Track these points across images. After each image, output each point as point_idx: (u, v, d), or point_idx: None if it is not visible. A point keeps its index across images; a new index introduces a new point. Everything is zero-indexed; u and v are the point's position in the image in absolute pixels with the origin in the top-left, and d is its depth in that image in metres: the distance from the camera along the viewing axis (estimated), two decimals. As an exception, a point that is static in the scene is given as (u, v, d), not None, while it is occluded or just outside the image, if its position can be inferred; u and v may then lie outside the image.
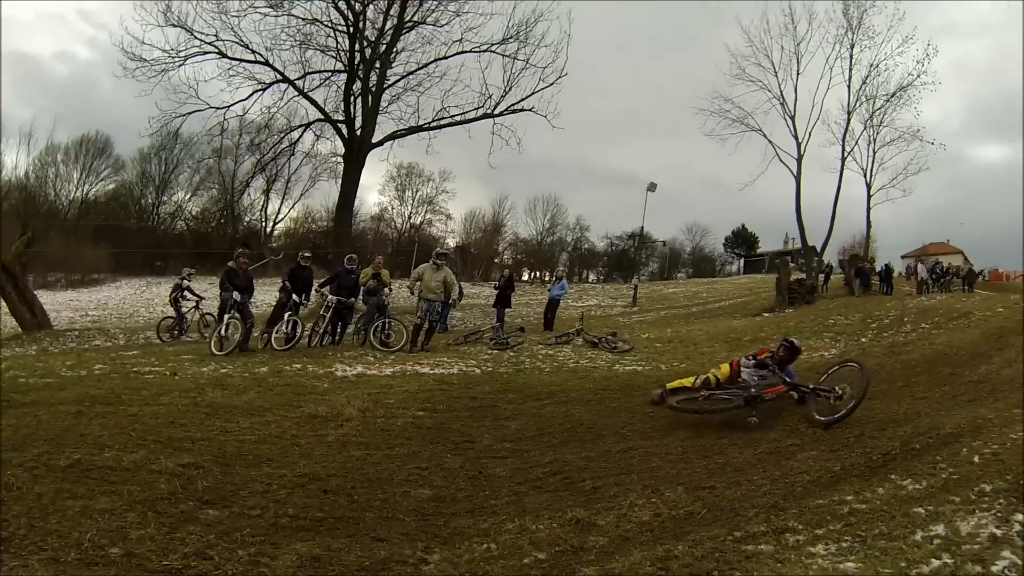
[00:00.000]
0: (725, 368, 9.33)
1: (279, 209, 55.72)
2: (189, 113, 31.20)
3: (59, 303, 34.53)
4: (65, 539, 4.39)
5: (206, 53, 30.29)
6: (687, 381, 9.28)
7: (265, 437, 7.51)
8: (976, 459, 5.68)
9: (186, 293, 19.91)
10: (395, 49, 31.91)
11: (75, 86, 73.59)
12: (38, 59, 74.72)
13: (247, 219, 56.56)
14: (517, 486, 6.34)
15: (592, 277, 66.49)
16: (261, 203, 55.18)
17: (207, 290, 20.98)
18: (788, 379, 8.84)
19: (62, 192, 53.04)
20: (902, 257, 51.14)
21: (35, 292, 26.69)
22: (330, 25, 31.27)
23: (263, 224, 55.59)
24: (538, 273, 61.48)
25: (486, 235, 60.93)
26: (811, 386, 8.61)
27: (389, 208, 61.62)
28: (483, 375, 11.93)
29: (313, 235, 49.92)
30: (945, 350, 12.80)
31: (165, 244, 52.75)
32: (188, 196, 55.54)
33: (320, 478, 6.27)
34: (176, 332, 19.56)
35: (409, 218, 61.90)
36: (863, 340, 15.66)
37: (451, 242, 60.29)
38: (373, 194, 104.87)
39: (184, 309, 19.83)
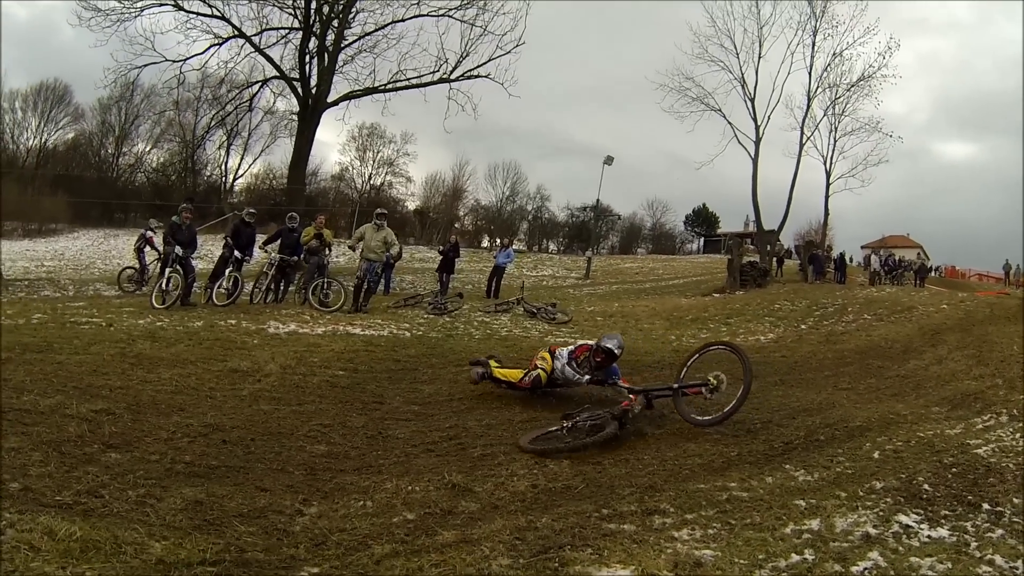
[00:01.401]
0: (547, 357, 8.30)
1: (239, 165, 55.27)
2: (145, 65, 31.21)
3: (15, 252, 34.03)
4: None
5: (162, 4, 29.94)
6: (514, 374, 8.26)
7: (182, 388, 7.64)
8: (876, 455, 5.78)
9: (150, 245, 19.65)
10: (353, 9, 31.70)
11: (34, 30, 72.15)
12: None
13: (207, 174, 55.94)
14: (411, 448, 6.40)
15: (552, 247, 66.54)
16: (221, 158, 54.76)
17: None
18: (613, 379, 7.91)
19: (20, 140, 52.17)
20: (862, 247, 51.68)
21: (-11, 241, 26.41)
22: (288, -21, 30.90)
23: (223, 179, 55.10)
24: (498, 240, 61.59)
25: (446, 200, 60.64)
26: (675, 385, 7.43)
27: (350, 168, 61.31)
28: (412, 339, 12.06)
29: (274, 192, 49.28)
30: (880, 342, 12.99)
31: (125, 196, 51.95)
32: (148, 148, 54.61)
33: (224, 429, 6.38)
34: (138, 282, 19.24)
35: (369, 179, 61.49)
36: (802, 327, 15.78)
37: (410, 205, 60.26)
38: (335, 153, 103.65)
39: (148, 260, 19.50)
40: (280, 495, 4.94)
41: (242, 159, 54.47)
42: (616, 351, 7.97)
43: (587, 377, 7.92)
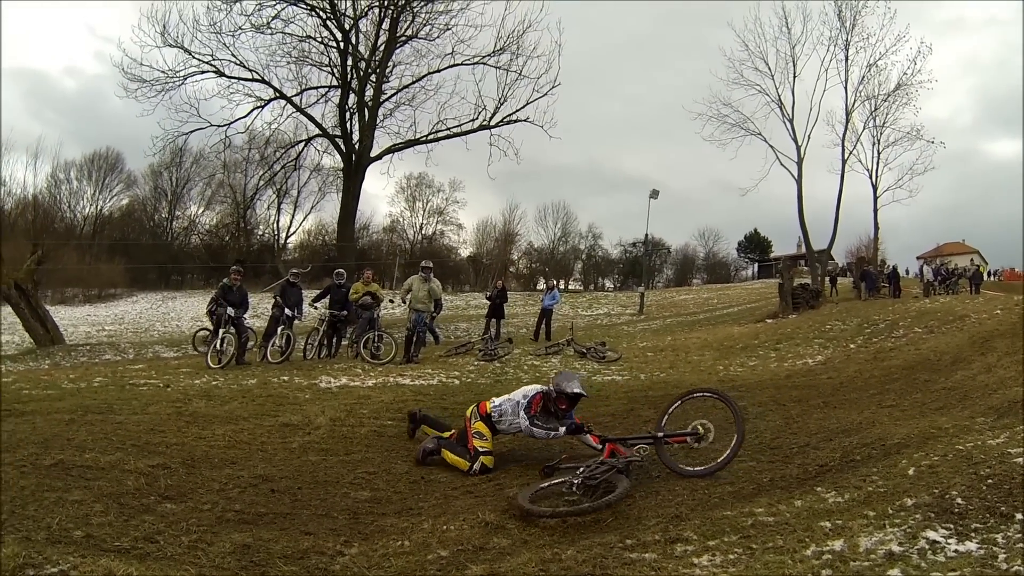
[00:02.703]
0: (485, 431, 7.55)
1: (291, 222, 56.56)
2: (191, 131, 31.82)
3: (77, 318, 35.30)
4: (38, 523, 4.93)
5: (204, 72, 30.75)
6: (461, 463, 7.41)
7: (235, 443, 7.95)
8: (911, 471, 5.64)
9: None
10: (389, 63, 32.23)
11: (84, 100, 75.03)
12: (46, 74, 76.24)
13: (260, 232, 57.44)
14: (451, 491, 6.65)
15: (608, 285, 66.50)
16: (273, 217, 56.07)
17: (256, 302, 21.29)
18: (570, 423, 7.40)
19: (76, 208, 54.19)
20: (917, 258, 50.77)
21: (54, 307, 27.43)
22: (322, 41, 31.79)
23: (275, 237, 56.41)
24: (554, 281, 61.46)
25: (498, 245, 61.10)
26: (659, 434, 7.03)
27: (400, 219, 62.20)
28: (461, 386, 12.27)
29: (327, 247, 50.15)
30: (929, 355, 12.79)
31: (180, 258, 53.64)
32: (201, 210, 56.63)
33: (273, 479, 6.68)
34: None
35: (421, 229, 62.46)
36: (851, 346, 15.64)
37: (464, 252, 60.84)
38: (385, 205, 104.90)
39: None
40: (323, 538, 5.21)
41: (293, 217, 56.01)
42: (583, 393, 7.62)
43: (563, 430, 7.35)
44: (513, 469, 7.27)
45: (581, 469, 6.26)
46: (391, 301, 16.43)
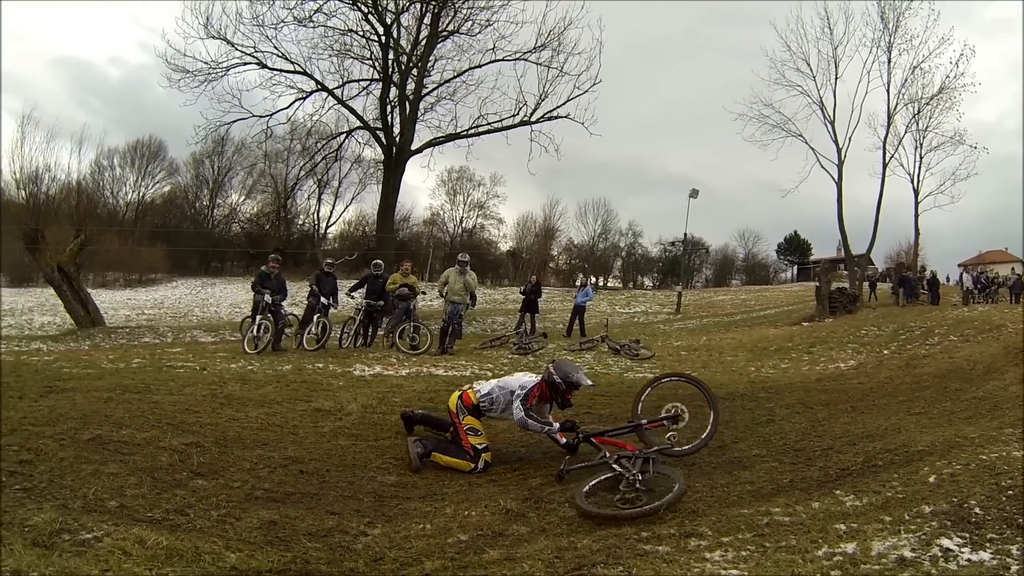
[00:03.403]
0: (476, 425, 7.42)
1: (331, 213, 57.03)
2: (233, 121, 32.06)
3: (117, 301, 35.95)
4: (75, 492, 5.22)
5: (246, 64, 31.00)
6: (461, 464, 7.18)
7: (267, 425, 8.14)
8: (932, 479, 5.58)
9: None
10: (430, 58, 32.24)
11: (128, 89, 76.45)
12: (91, 63, 77.71)
13: (300, 221, 58.05)
14: (476, 479, 6.83)
15: (648, 283, 66.28)
16: (313, 207, 56.64)
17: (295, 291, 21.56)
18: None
19: (119, 194, 55.23)
20: (959, 265, 49.85)
21: (95, 291, 27.99)
22: (363, 35, 31.87)
23: (315, 227, 56.99)
24: (593, 278, 61.60)
25: (538, 240, 61.07)
26: (642, 421, 7.32)
27: (441, 212, 62.46)
28: (494, 378, 12.21)
29: (367, 237, 50.47)
30: (962, 364, 12.52)
31: (220, 245, 54.41)
32: (242, 199, 57.23)
33: (303, 461, 6.88)
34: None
35: (461, 222, 62.64)
36: (885, 352, 15.42)
37: (503, 247, 60.97)
38: (425, 197, 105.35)
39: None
40: (348, 518, 5.42)
41: (333, 207, 56.33)
42: (594, 384, 7.67)
43: (557, 426, 7.19)
44: (537, 459, 7.35)
45: (631, 465, 6.14)
46: (423, 293, 16.51)
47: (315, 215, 56.74)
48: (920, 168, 31.78)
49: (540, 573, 4.15)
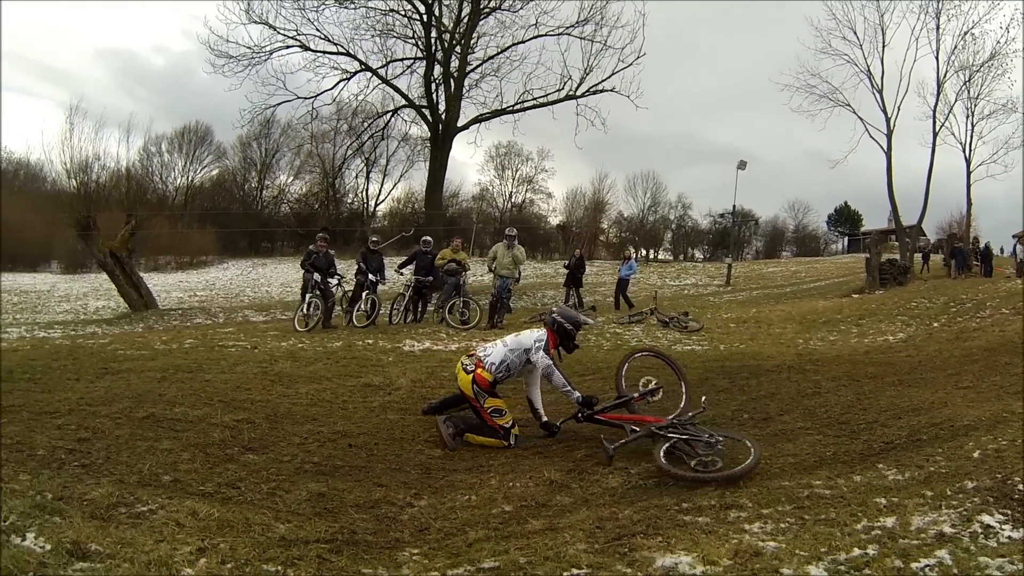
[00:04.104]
0: (493, 402, 7.22)
1: (380, 191, 57.36)
2: (278, 104, 32.11)
3: (170, 284, 36.70)
4: (131, 468, 5.47)
5: (289, 47, 30.97)
6: (492, 442, 7.11)
7: (317, 401, 8.35)
8: (976, 454, 5.54)
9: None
10: (473, 34, 32.00)
11: (173, 76, 77.55)
12: (136, 53, 78.97)
13: (349, 200, 58.47)
14: (522, 451, 6.93)
15: (698, 255, 65.78)
16: (362, 186, 57.06)
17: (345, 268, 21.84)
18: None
19: (168, 180, 56.15)
20: (1013, 236, 48.49)
21: (148, 274, 28.59)
22: (405, 15, 31.74)
23: (364, 205, 57.42)
24: (643, 251, 61.55)
25: (588, 213, 60.79)
26: (634, 395, 7.44)
27: (489, 188, 62.44)
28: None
29: (416, 215, 50.67)
30: (1013, 338, 12.16)
31: (270, 226, 55.05)
32: (290, 179, 57.72)
33: (351, 435, 7.07)
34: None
35: (510, 197, 62.55)
36: (935, 325, 15.12)
37: (553, 221, 60.81)
38: (474, 173, 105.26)
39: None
40: (395, 490, 5.58)
41: (382, 185, 56.62)
42: (591, 322, 7.82)
43: (577, 395, 7.17)
44: (583, 430, 7.29)
45: (704, 436, 6.17)
46: (466, 270, 16.58)
47: (363, 194, 57.13)
48: (972, 137, 31.13)
49: (580, 543, 4.22)
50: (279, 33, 30.45)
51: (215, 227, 49.17)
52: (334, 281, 15.39)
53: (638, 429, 6.65)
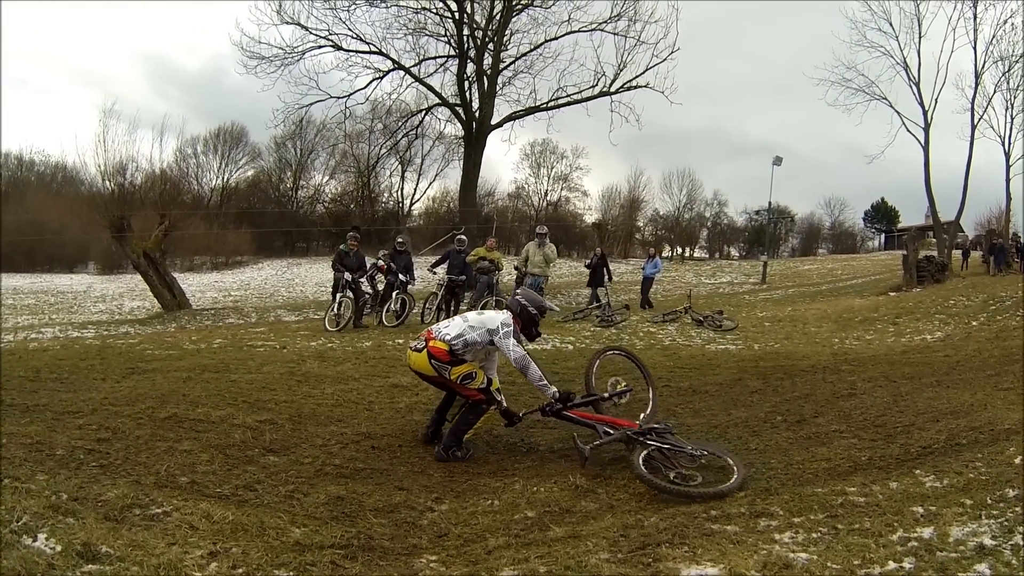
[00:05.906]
0: (461, 369, 6.69)
1: (415, 190, 57.62)
2: (311, 104, 32.65)
3: (204, 284, 37.19)
4: (148, 469, 5.44)
5: (321, 47, 31.38)
6: (492, 420, 7.12)
7: (343, 402, 8.29)
8: (1018, 460, 5.26)
9: (381, 272, 20.34)
10: (506, 32, 32.18)
11: (205, 78, 78.59)
12: (168, 56, 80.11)
13: (384, 199, 58.75)
14: (549, 454, 6.79)
15: (734, 253, 65.36)
16: (397, 185, 57.30)
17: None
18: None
19: (203, 180, 56.73)
20: (1055, 234, 47.33)
21: (183, 275, 28.88)
22: (436, 13, 31.94)
23: (399, 204, 57.64)
24: (677, 249, 61.28)
25: (623, 211, 60.51)
26: (605, 395, 7.22)
27: (525, 186, 62.43)
28: (574, 351, 12.33)
29: (451, 213, 50.75)
30: None
31: (305, 226, 55.49)
32: (325, 179, 58.22)
33: (375, 436, 7.02)
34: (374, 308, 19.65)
35: (546, 195, 62.47)
36: (973, 323, 14.89)
37: (588, 219, 60.63)
38: (509, 171, 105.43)
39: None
40: (416, 494, 5.50)
41: (417, 184, 56.92)
42: (555, 309, 7.75)
43: (554, 389, 6.73)
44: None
45: (687, 448, 5.99)
46: (499, 269, 16.48)
47: (399, 193, 57.47)
48: (1012, 130, 30.41)
49: (603, 552, 4.08)
50: (311, 33, 30.91)
51: (250, 227, 49.62)
52: (365, 282, 15.40)
53: (612, 432, 6.39)
